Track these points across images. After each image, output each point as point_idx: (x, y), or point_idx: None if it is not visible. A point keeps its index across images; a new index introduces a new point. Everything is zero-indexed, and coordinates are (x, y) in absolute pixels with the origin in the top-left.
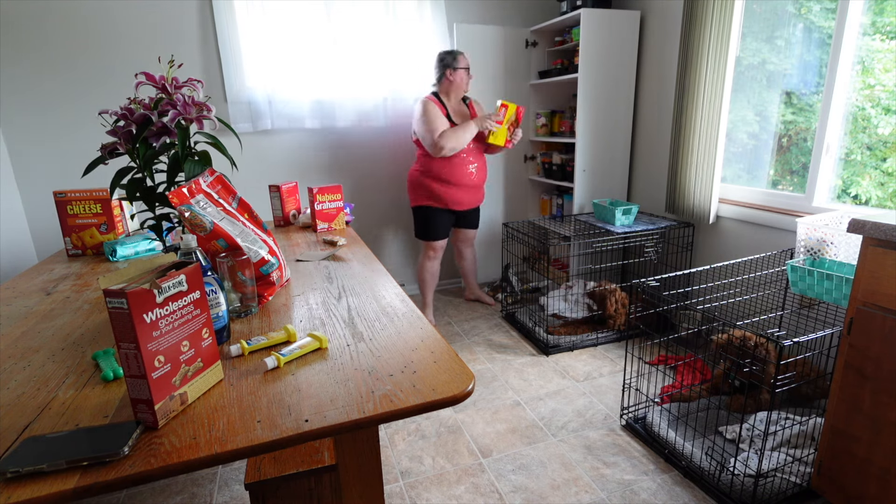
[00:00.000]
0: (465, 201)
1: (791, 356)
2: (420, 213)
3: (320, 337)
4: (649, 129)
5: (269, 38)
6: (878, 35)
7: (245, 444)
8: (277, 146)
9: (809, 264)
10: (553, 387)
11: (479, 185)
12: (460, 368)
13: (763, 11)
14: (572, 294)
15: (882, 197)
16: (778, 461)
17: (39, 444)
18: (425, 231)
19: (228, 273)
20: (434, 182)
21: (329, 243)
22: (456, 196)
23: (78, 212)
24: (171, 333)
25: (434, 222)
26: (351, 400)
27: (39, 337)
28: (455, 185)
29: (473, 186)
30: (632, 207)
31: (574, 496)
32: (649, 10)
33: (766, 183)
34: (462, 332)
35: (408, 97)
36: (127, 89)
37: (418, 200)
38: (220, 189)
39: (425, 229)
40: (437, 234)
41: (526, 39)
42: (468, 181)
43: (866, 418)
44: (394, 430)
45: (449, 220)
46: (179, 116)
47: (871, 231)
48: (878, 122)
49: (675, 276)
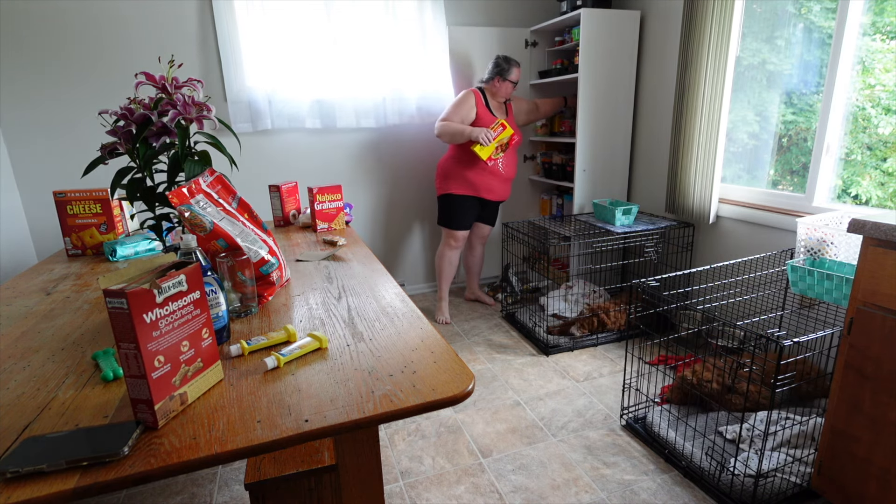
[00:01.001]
0: (496, 190)
1: (791, 356)
2: (448, 201)
3: (320, 337)
4: (649, 129)
5: (269, 38)
6: (878, 35)
7: (245, 444)
8: (277, 146)
9: (809, 264)
10: (553, 387)
11: (509, 178)
12: (460, 368)
13: (763, 11)
14: (572, 294)
15: (882, 197)
16: (778, 461)
17: (39, 444)
18: (450, 218)
19: (228, 273)
20: (468, 170)
21: (329, 243)
22: (490, 184)
23: (78, 212)
24: (171, 333)
25: (461, 210)
26: (351, 400)
27: (39, 337)
28: (499, 176)
29: (505, 179)
30: (632, 207)
31: (574, 496)
32: (649, 10)
33: (767, 183)
34: (462, 332)
35: (408, 97)
36: (127, 89)
37: (448, 188)
38: (220, 189)
39: (451, 217)
40: (463, 224)
41: (526, 39)
42: (499, 172)
43: (866, 418)
44: (394, 430)
45: (475, 210)
46: (179, 116)
47: (871, 231)
48: (878, 122)
49: (675, 276)
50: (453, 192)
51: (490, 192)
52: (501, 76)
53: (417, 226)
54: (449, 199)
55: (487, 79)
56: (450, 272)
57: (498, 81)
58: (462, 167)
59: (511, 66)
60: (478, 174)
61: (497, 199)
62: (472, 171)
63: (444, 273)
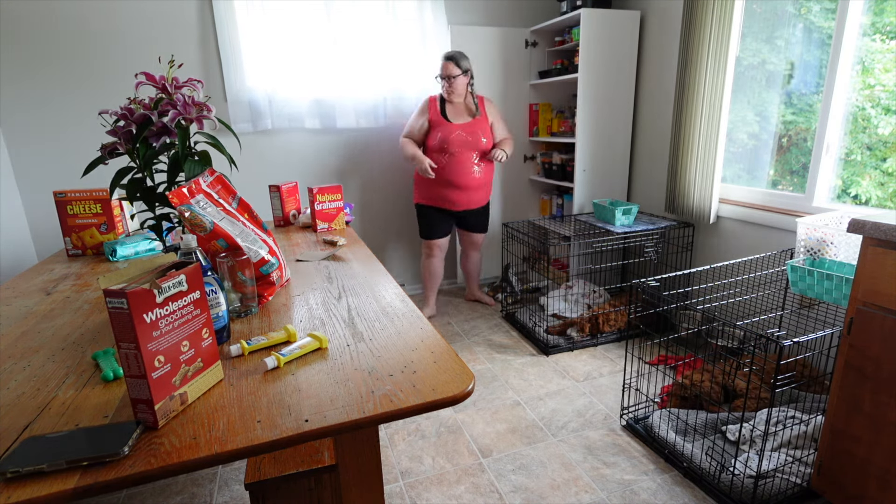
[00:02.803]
0: (459, 202)
1: (791, 356)
2: (418, 211)
3: (320, 337)
4: (649, 129)
5: (269, 38)
6: (878, 35)
7: (245, 444)
8: (277, 146)
9: (809, 264)
10: (553, 387)
11: (477, 186)
12: (460, 368)
13: (763, 11)
14: (572, 294)
15: (882, 197)
16: (778, 461)
17: (39, 444)
18: (421, 228)
19: (228, 273)
20: (426, 179)
21: (329, 243)
22: (450, 196)
23: (78, 212)
24: (171, 333)
25: (430, 221)
26: (351, 400)
27: (39, 337)
28: (452, 185)
29: (469, 188)
30: (632, 207)
31: (574, 496)
32: (649, 10)
33: (766, 183)
34: (462, 332)
35: (408, 97)
36: (127, 89)
37: (418, 198)
38: (220, 189)
39: (421, 226)
40: (433, 233)
41: (526, 39)
42: (465, 182)
43: (866, 418)
44: (394, 430)
45: (447, 220)
46: (179, 116)
47: (871, 231)
48: (878, 122)
49: (675, 276)
50: (419, 201)
51: (452, 204)
52: (437, 76)
53: (417, 226)
54: (418, 208)
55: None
56: (431, 281)
57: (440, 81)
58: (421, 177)
59: (442, 62)
60: (433, 185)
61: (464, 210)
62: (429, 181)
63: (426, 282)
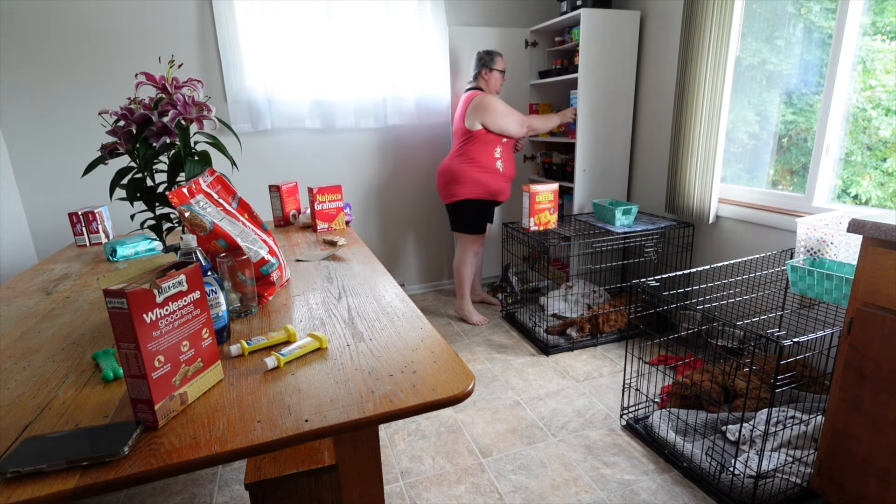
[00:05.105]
0: (506, 191)
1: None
2: (471, 206)
3: (320, 337)
4: (649, 129)
5: (269, 37)
6: (879, 35)
7: (245, 444)
8: (277, 146)
9: (809, 264)
10: (553, 387)
11: (512, 178)
12: (460, 368)
13: (763, 11)
14: (572, 294)
15: (882, 197)
16: (778, 461)
17: (39, 444)
18: (472, 224)
19: (228, 273)
20: (481, 173)
21: (329, 243)
22: (502, 186)
23: None
24: (171, 333)
25: (485, 215)
26: (351, 400)
27: (39, 337)
28: (509, 178)
29: (509, 178)
30: (632, 207)
31: (574, 496)
32: (649, 10)
33: (766, 183)
34: (462, 332)
35: (408, 97)
36: (127, 89)
37: (464, 194)
38: (220, 189)
39: (472, 222)
40: (484, 227)
41: (526, 39)
42: (506, 173)
43: (866, 418)
44: (394, 430)
45: (490, 211)
46: (179, 116)
47: (871, 231)
48: (878, 122)
49: (675, 276)
50: (470, 196)
51: (502, 194)
52: (488, 66)
53: (417, 226)
54: (466, 204)
55: (474, 75)
56: (470, 277)
57: (485, 73)
58: (474, 170)
59: (494, 56)
60: (490, 176)
61: (506, 200)
62: (484, 173)
63: (465, 279)
